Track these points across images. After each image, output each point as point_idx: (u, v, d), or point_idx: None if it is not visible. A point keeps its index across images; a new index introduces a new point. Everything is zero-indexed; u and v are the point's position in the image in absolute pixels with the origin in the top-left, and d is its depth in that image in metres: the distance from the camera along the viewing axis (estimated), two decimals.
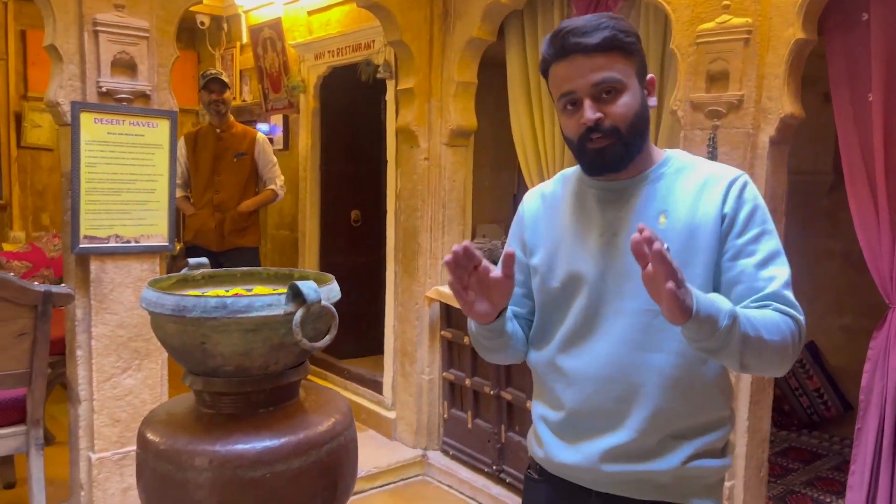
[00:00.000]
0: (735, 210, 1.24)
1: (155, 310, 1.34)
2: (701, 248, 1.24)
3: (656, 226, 1.26)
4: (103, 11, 2.58)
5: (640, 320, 1.25)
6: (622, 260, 1.27)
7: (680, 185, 1.29)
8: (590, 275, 1.30)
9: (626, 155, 1.26)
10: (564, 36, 1.24)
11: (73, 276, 2.71)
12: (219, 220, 4.12)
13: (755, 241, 1.23)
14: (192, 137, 4.20)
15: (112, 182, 2.65)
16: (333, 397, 1.61)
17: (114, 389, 2.75)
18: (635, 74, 1.26)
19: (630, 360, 1.26)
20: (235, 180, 4.15)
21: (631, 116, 1.24)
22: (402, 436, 3.80)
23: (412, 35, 3.46)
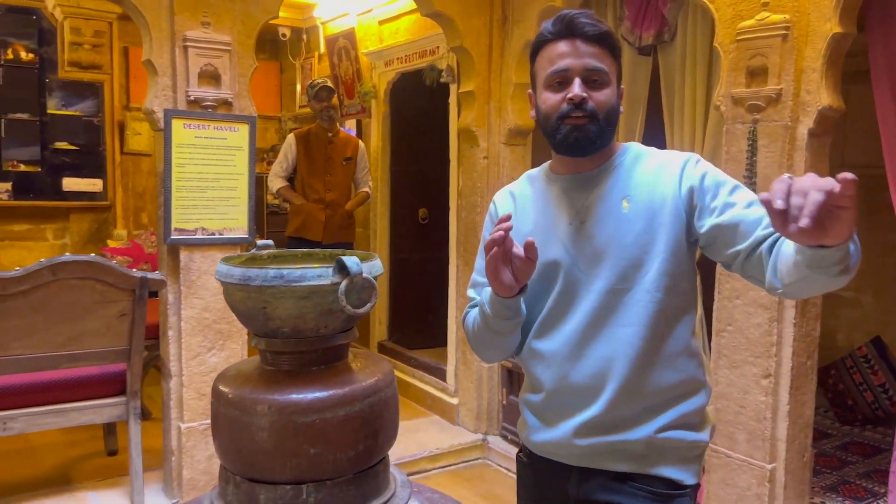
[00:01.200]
0: (699, 180, 1.33)
1: (225, 280, 1.59)
2: (663, 224, 1.33)
3: (620, 210, 1.35)
4: (192, 29, 2.90)
5: (609, 299, 1.34)
6: (592, 244, 1.36)
7: (638, 171, 1.38)
8: (563, 261, 1.38)
9: (598, 139, 1.34)
10: (572, 19, 1.34)
11: (165, 264, 3.04)
12: (328, 216, 4.49)
13: (731, 192, 1.31)
14: (304, 137, 4.56)
15: (199, 181, 2.97)
16: (378, 361, 1.80)
17: (200, 366, 3.07)
18: (616, 75, 1.37)
19: (600, 336, 1.34)
20: (344, 181, 4.59)
21: (609, 106, 1.34)
22: (465, 420, 3.99)
23: (472, 41, 3.66)
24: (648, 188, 1.36)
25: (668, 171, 1.37)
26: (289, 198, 4.58)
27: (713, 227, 1.30)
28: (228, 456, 1.62)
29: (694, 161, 1.38)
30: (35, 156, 5.45)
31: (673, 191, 1.35)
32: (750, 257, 1.27)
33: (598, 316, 1.35)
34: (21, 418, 2.86)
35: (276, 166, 4.59)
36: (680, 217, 1.34)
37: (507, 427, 3.76)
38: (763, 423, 2.51)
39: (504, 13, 3.68)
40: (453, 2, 3.57)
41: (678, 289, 1.36)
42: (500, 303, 1.36)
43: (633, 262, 1.34)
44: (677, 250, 1.34)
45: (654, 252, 1.33)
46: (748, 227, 1.27)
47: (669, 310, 1.35)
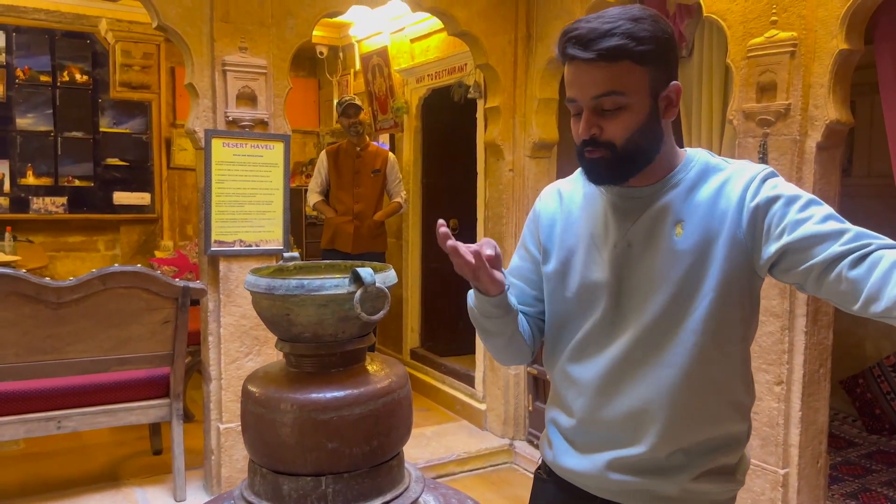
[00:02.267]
0: (766, 201, 1.15)
1: (253, 289, 1.75)
2: (717, 257, 1.18)
3: (672, 237, 1.21)
4: (230, 53, 3.10)
5: (650, 334, 1.22)
6: (638, 273, 1.24)
7: (700, 191, 1.22)
8: (607, 285, 1.26)
9: (621, 169, 1.21)
10: (565, 42, 1.17)
11: (206, 274, 3.24)
12: (356, 227, 4.70)
13: (804, 208, 1.13)
14: (334, 153, 4.81)
15: (237, 196, 3.17)
16: (393, 364, 1.94)
17: (238, 370, 3.25)
18: (648, 86, 1.17)
19: (639, 374, 1.24)
20: (372, 193, 4.77)
21: (630, 133, 1.17)
22: (492, 426, 4.10)
23: (497, 58, 3.79)
24: (706, 213, 1.20)
25: (730, 191, 1.20)
26: (322, 211, 4.81)
27: (780, 249, 1.13)
28: (256, 450, 1.79)
29: (760, 178, 1.19)
30: (88, 171, 5.77)
31: (733, 216, 1.18)
32: (826, 274, 1.09)
33: (638, 351, 1.23)
34: (74, 417, 3.08)
35: (312, 182, 4.85)
36: (739, 249, 1.18)
37: (533, 432, 3.86)
38: (776, 429, 2.57)
39: (528, 31, 3.81)
40: (479, 21, 3.70)
41: (727, 334, 1.21)
42: (484, 300, 1.29)
43: (679, 299, 1.20)
44: (731, 289, 1.19)
45: (704, 290, 1.19)
46: (823, 241, 1.09)
47: (715, 357, 1.21)
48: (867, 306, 1.03)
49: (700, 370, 1.20)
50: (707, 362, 1.21)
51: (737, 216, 1.18)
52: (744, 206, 1.17)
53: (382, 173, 4.77)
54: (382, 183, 4.79)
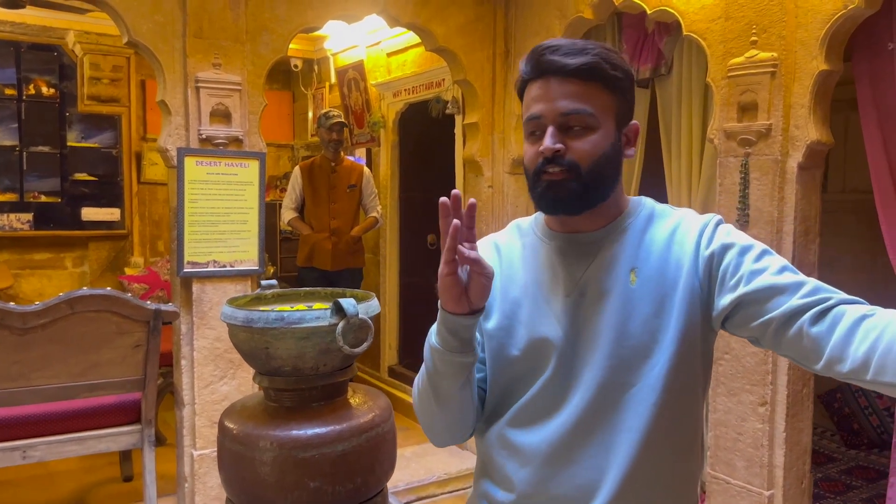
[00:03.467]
0: (720, 249, 1.11)
1: (230, 321, 1.69)
2: (675, 307, 1.11)
3: (627, 284, 1.12)
4: (204, 70, 3.02)
5: (607, 394, 1.11)
6: (592, 324, 1.13)
7: (650, 236, 1.15)
8: (556, 341, 1.14)
9: (582, 196, 1.11)
10: (542, 53, 1.11)
11: (178, 295, 3.15)
12: (334, 244, 4.61)
13: (759, 258, 1.09)
14: (308, 168, 4.71)
15: (211, 215, 3.08)
16: (376, 396, 1.88)
17: (212, 395, 3.16)
18: (614, 115, 1.12)
19: (594, 440, 1.11)
20: (348, 208, 4.68)
21: (596, 157, 1.09)
22: (472, 445, 4.04)
23: (475, 74, 3.76)
24: (660, 259, 1.13)
25: (683, 238, 1.14)
26: (297, 228, 4.72)
27: (735, 300, 1.07)
28: (233, 488, 1.70)
29: (713, 225, 1.15)
30: (55, 187, 5.62)
31: (688, 264, 1.12)
32: (785, 329, 1.03)
33: (593, 414, 1.11)
34: (40, 447, 2.96)
35: (286, 198, 4.75)
36: (696, 298, 1.11)
37: None
38: (761, 451, 2.56)
39: (506, 47, 3.79)
40: (457, 37, 3.67)
41: (688, 388, 1.13)
42: (451, 323, 1.08)
43: (638, 352, 1.11)
44: (691, 341, 1.11)
45: (665, 342, 1.10)
46: (780, 293, 1.04)
47: (676, 414, 1.12)
48: (831, 366, 0.98)
49: (658, 429, 1.10)
50: (668, 422, 1.11)
51: (693, 264, 1.11)
52: (699, 253, 1.12)
53: (358, 188, 4.70)
54: (358, 198, 4.73)
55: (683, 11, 2.78)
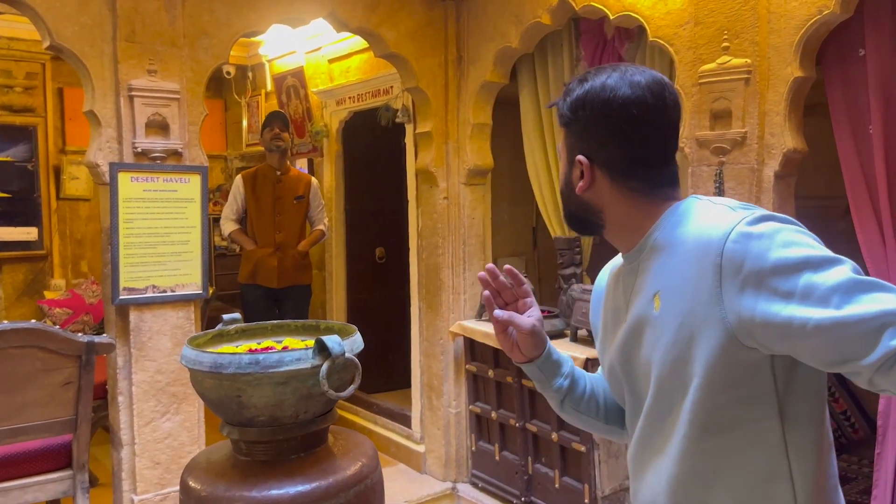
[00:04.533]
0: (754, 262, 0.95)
1: (194, 367, 1.46)
2: (696, 335, 1.01)
3: (651, 310, 1.07)
4: (138, 77, 2.75)
5: (653, 420, 1.12)
6: (634, 354, 1.14)
7: (672, 254, 1.07)
8: (617, 368, 1.20)
9: (571, 223, 1.24)
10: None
11: (113, 325, 2.86)
12: (280, 259, 4.30)
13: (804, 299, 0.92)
14: (251, 178, 4.37)
15: (148, 236, 2.81)
16: (360, 442, 1.70)
17: (154, 433, 2.88)
18: (567, 151, 1.19)
19: (650, 463, 1.14)
20: (295, 221, 4.38)
21: (561, 188, 1.22)
22: (432, 469, 3.87)
23: (428, 81, 3.60)
24: (681, 281, 1.03)
25: (704, 250, 1.01)
26: (240, 242, 4.42)
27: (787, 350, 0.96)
28: None
29: (739, 231, 0.97)
30: None
31: (711, 289, 0.99)
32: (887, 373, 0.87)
33: (645, 438, 1.15)
34: None
35: (227, 209, 4.41)
36: (722, 325, 0.98)
37: (477, 474, 3.66)
38: None
39: (459, 53, 3.65)
40: (408, 43, 3.51)
41: (732, 421, 1.02)
42: (525, 368, 1.27)
43: (667, 383, 1.07)
44: (724, 371, 1.00)
45: (687, 374, 1.03)
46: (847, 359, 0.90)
47: (711, 453, 1.04)
48: None
49: (691, 463, 1.06)
50: (700, 454, 1.05)
51: (715, 289, 0.98)
52: (721, 269, 0.97)
53: (306, 199, 4.41)
54: (306, 210, 4.44)
55: (649, 17, 2.70)
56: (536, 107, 3.50)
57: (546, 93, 3.44)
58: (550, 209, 3.49)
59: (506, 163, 3.94)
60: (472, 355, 3.64)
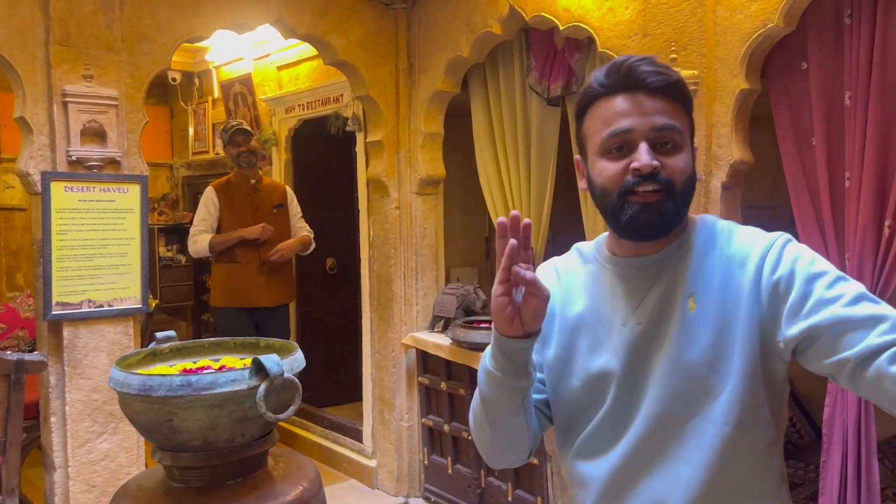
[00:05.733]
0: (787, 273, 1.03)
1: (122, 389, 1.38)
2: (737, 337, 1.04)
3: (686, 311, 1.07)
4: (72, 82, 2.64)
5: (664, 425, 1.07)
6: (649, 354, 1.09)
7: (711, 259, 1.09)
8: (615, 372, 1.11)
9: (675, 217, 1.09)
10: (631, 67, 1.08)
11: (45, 342, 2.72)
12: (268, 274, 3.96)
13: (832, 285, 1.01)
14: (223, 188, 4.03)
15: (83, 248, 2.69)
16: (302, 464, 1.63)
17: (89, 454, 2.74)
18: (689, 135, 1.13)
19: (655, 470, 1.08)
20: (277, 233, 4.02)
21: (687, 175, 1.09)
22: (384, 484, 3.79)
23: (378, 90, 3.55)
24: (721, 284, 1.07)
25: (746, 261, 1.07)
26: (227, 241, 3.92)
27: (805, 332, 0.99)
28: None
29: (779, 246, 1.06)
30: None
31: (750, 290, 1.05)
32: (863, 369, 0.94)
33: (651, 445, 1.08)
34: None
35: (199, 223, 3.98)
36: (760, 326, 1.04)
37: (430, 488, 3.60)
38: None
39: (410, 62, 3.61)
40: (358, 50, 3.46)
41: (757, 422, 1.06)
42: (506, 346, 1.05)
43: (696, 383, 1.05)
44: (756, 371, 1.04)
45: (726, 373, 1.04)
46: (856, 329, 0.96)
47: (744, 450, 1.06)
48: None
49: (725, 469, 1.05)
50: (733, 459, 1.05)
51: (755, 290, 1.05)
52: (762, 278, 1.05)
53: (285, 208, 4.11)
54: (286, 219, 4.14)
55: (598, 28, 2.71)
56: (488, 116, 3.49)
57: (497, 102, 3.42)
58: None
59: (458, 172, 3.91)
60: (425, 367, 3.59)
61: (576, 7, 2.76)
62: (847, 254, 2.26)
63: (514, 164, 3.37)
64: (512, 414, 1.11)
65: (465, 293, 3.50)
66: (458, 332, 3.21)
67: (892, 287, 2.19)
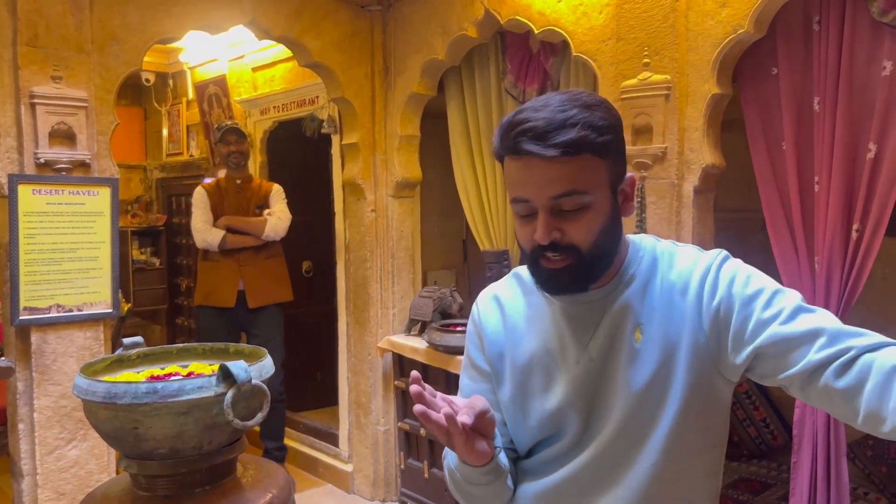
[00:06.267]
0: (726, 296, 1.05)
1: (86, 397, 1.36)
2: (680, 365, 1.06)
3: (632, 343, 1.08)
4: (40, 84, 2.59)
5: (608, 455, 1.10)
6: (602, 388, 1.10)
7: (653, 286, 1.10)
8: (569, 411, 1.11)
9: (586, 277, 1.07)
10: (519, 135, 1.00)
11: (13, 348, 2.67)
12: (248, 274, 3.86)
13: (769, 303, 1.02)
14: (213, 190, 3.97)
15: (52, 252, 2.64)
16: (272, 471, 1.61)
17: (58, 462, 2.70)
18: (607, 181, 1.04)
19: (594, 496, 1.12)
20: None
21: (595, 235, 1.04)
22: (360, 488, 3.78)
23: (354, 92, 3.54)
24: (664, 314, 1.07)
25: (687, 288, 1.08)
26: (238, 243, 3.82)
27: (749, 355, 1.01)
28: None
29: (715, 269, 1.07)
30: None
31: (692, 317, 1.06)
32: (810, 384, 0.97)
33: (592, 474, 1.10)
34: None
35: (199, 219, 3.86)
36: (703, 354, 1.05)
37: (406, 492, 3.59)
38: None
39: (385, 64, 3.60)
40: (333, 52, 3.44)
41: (689, 448, 1.08)
42: (477, 471, 1.09)
43: (641, 415, 1.07)
44: (695, 399, 1.06)
45: (668, 403, 1.05)
46: (797, 346, 0.98)
47: (674, 475, 1.08)
48: (871, 425, 0.92)
49: (659, 492, 1.08)
50: (667, 481, 1.09)
51: (696, 318, 1.07)
52: (702, 306, 1.06)
53: (268, 207, 4.01)
54: None
55: (572, 32, 2.72)
56: (464, 119, 3.49)
57: (473, 105, 3.43)
58: (479, 222, 3.47)
59: (436, 175, 3.91)
60: (401, 371, 3.57)
61: (550, 11, 2.77)
62: (817, 257, 2.29)
63: (490, 167, 3.37)
64: (501, 491, 1.15)
65: (442, 296, 3.49)
66: (435, 335, 3.21)
67: (860, 290, 2.22)
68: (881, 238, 2.15)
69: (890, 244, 3.76)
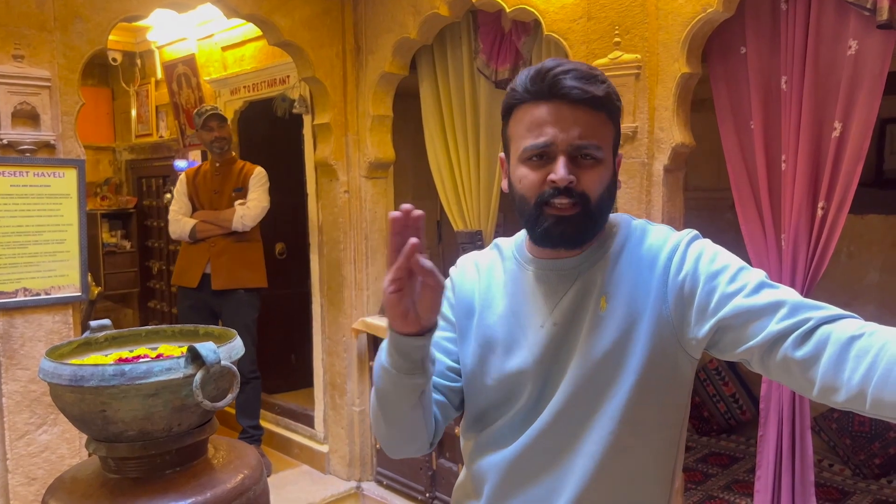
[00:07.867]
0: (692, 272, 1.07)
1: (53, 380, 1.35)
2: (641, 337, 1.07)
3: (597, 310, 1.10)
4: (1, 63, 2.53)
5: (565, 421, 1.10)
6: (561, 353, 1.11)
7: (624, 259, 1.12)
8: (528, 373, 1.13)
9: (589, 230, 1.10)
10: (556, 76, 1.04)
11: None
12: (215, 256, 3.83)
13: (733, 278, 1.04)
14: (193, 173, 3.99)
15: (17, 235, 2.60)
16: (243, 452, 1.61)
17: (28, 447, 2.67)
18: (612, 146, 1.11)
19: (549, 465, 1.12)
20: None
21: (603, 189, 1.08)
22: (336, 469, 3.79)
23: (325, 71, 3.50)
24: (631, 284, 1.10)
25: (655, 262, 1.10)
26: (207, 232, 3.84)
27: (713, 327, 1.03)
28: None
29: (684, 245, 1.10)
30: None
31: (657, 292, 1.08)
32: (769, 356, 0.99)
33: (550, 440, 1.11)
34: None
35: (177, 210, 3.90)
36: (666, 327, 1.07)
37: (382, 472, 3.62)
38: None
39: (357, 43, 3.56)
40: (303, 31, 3.40)
41: (647, 422, 1.09)
42: (402, 344, 1.01)
43: (598, 382, 1.08)
44: (654, 373, 1.07)
45: (625, 373, 1.07)
46: (758, 317, 0.99)
47: (632, 446, 1.09)
48: (826, 396, 0.94)
49: (615, 461, 1.10)
50: (625, 451, 1.10)
51: (661, 292, 1.09)
52: (668, 280, 1.09)
53: (246, 190, 3.94)
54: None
55: (543, 10, 2.71)
56: (437, 99, 3.47)
57: (446, 85, 3.41)
58: (452, 202, 3.47)
59: (409, 156, 3.90)
60: (376, 352, 3.57)
61: None
62: (783, 234, 2.33)
63: (463, 147, 3.37)
64: (410, 409, 1.09)
65: None
66: None
67: (825, 266, 2.27)
68: (846, 215, 2.19)
69: (855, 221, 3.86)
